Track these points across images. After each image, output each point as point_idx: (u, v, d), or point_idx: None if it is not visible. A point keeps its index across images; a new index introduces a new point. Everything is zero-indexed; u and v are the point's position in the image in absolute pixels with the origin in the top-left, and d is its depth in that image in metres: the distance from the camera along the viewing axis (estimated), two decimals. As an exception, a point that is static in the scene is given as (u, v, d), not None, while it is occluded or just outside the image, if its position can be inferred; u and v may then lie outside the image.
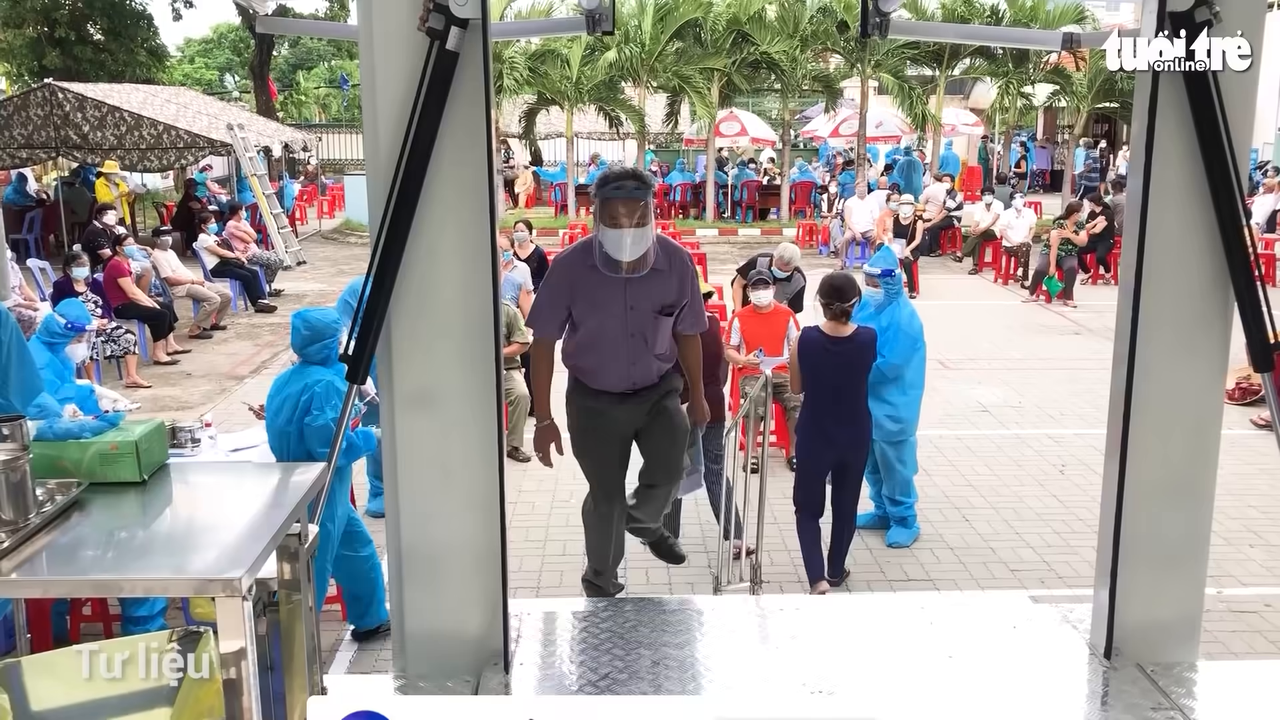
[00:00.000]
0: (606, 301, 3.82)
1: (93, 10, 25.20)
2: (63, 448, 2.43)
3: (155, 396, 9.18)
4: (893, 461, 5.83)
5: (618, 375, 3.93)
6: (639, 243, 3.65)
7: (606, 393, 3.96)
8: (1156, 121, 3.10)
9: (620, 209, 3.60)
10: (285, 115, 34.80)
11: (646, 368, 3.92)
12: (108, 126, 15.40)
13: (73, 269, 9.61)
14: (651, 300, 3.83)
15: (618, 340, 3.86)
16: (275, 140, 20.61)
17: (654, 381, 3.97)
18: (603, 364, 3.92)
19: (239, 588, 2.00)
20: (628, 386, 3.94)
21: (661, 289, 3.83)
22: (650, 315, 3.84)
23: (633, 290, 3.80)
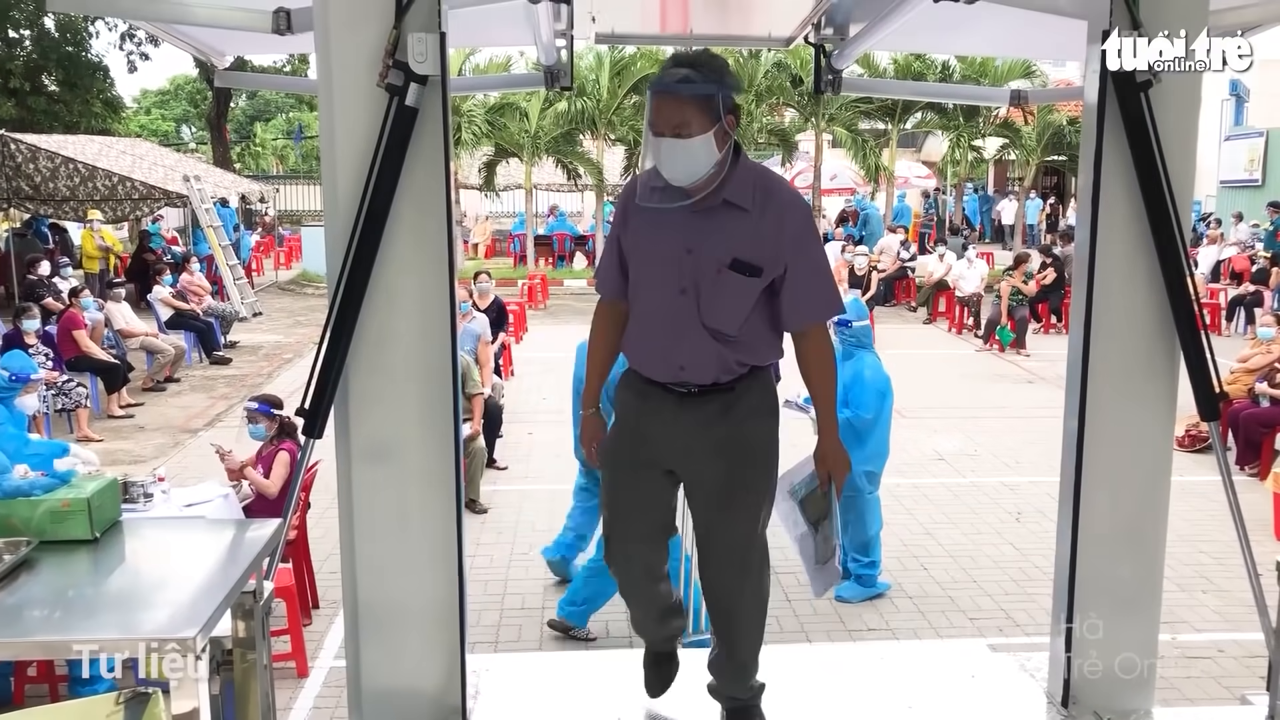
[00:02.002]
0: (657, 239, 2.80)
1: (48, 61, 25.10)
2: (12, 505, 2.39)
3: (107, 450, 9.03)
4: (852, 520, 5.75)
5: (659, 354, 2.83)
6: (686, 160, 2.63)
7: (654, 384, 2.87)
8: (1102, 175, 3.19)
9: (658, 108, 2.65)
10: (242, 166, 34.75)
11: (703, 352, 2.76)
12: (61, 177, 15.27)
13: (23, 321, 9.49)
14: (719, 246, 2.71)
15: (664, 298, 2.79)
16: (232, 191, 20.54)
17: (718, 381, 2.79)
18: (644, 334, 2.87)
19: (193, 646, 1.97)
20: (673, 377, 2.81)
21: (737, 233, 2.71)
22: (713, 268, 2.71)
23: (693, 227, 2.74)
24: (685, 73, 2.61)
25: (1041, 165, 24.75)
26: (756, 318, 2.80)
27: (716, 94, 2.61)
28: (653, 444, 2.88)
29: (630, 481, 2.95)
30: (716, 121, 2.62)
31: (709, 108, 2.61)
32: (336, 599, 5.53)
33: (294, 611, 4.99)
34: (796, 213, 2.79)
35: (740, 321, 2.76)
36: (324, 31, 3.03)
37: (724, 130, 2.65)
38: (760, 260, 2.72)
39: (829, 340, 2.91)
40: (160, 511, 5.16)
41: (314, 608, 5.69)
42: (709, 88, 2.61)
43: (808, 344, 2.84)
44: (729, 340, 2.77)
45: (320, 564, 5.89)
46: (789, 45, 5.12)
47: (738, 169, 2.72)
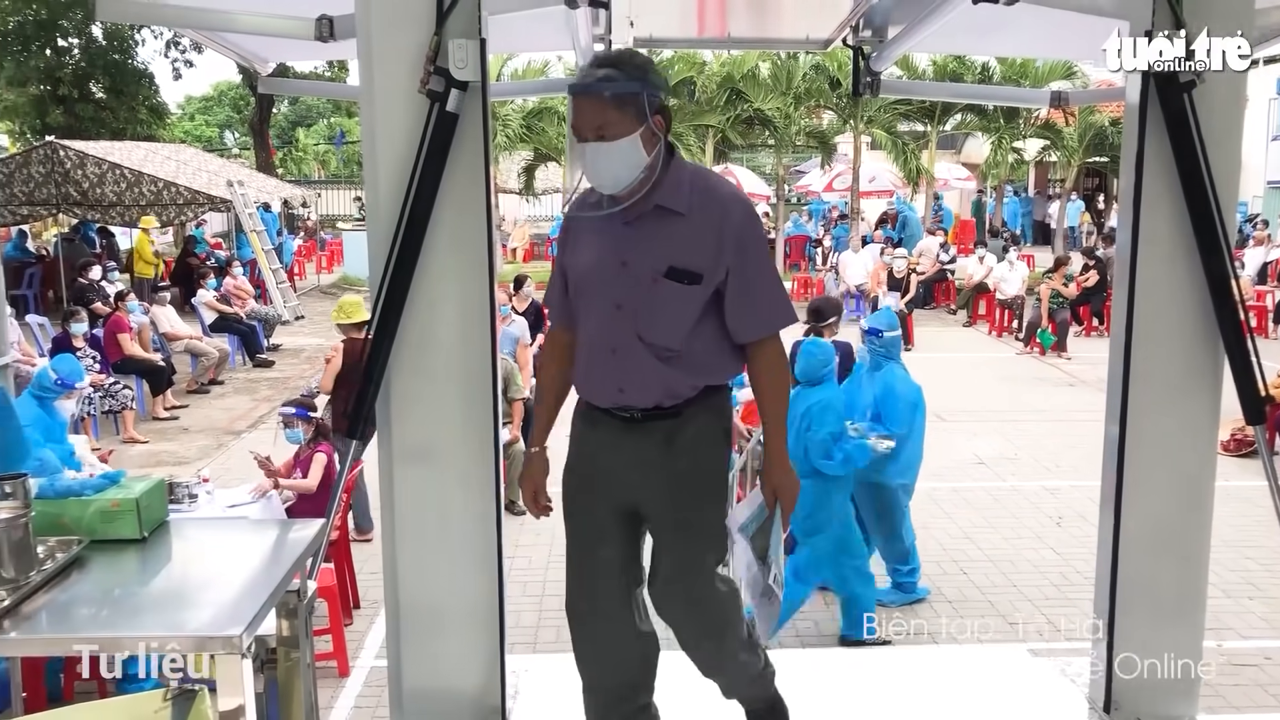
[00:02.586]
0: (592, 254, 2.60)
1: (95, 69, 25.53)
2: (63, 505, 2.44)
3: (152, 452, 9.17)
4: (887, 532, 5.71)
5: (599, 377, 2.63)
6: (611, 165, 2.46)
7: (601, 412, 2.67)
8: (1144, 176, 3.16)
9: (578, 110, 2.47)
10: (284, 171, 35.13)
11: (643, 372, 2.55)
12: (108, 183, 15.52)
13: (71, 324, 9.67)
14: (653, 255, 2.51)
15: (600, 316, 2.59)
16: (275, 196, 20.77)
17: (661, 405, 2.58)
18: (584, 356, 2.66)
19: (239, 645, 2.00)
20: (614, 400, 2.61)
21: (672, 239, 2.51)
22: (648, 280, 2.51)
23: (627, 238, 2.55)
24: (606, 71, 2.44)
25: (1083, 166, 24.47)
26: (705, 331, 2.57)
27: (640, 93, 2.44)
28: (603, 477, 2.66)
29: (584, 520, 2.71)
30: (643, 122, 2.44)
31: (633, 108, 2.43)
32: (377, 599, 5.59)
33: (335, 611, 5.04)
34: (736, 212, 2.55)
35: (683, 335, 2.54)
36: (366, 38, 3.08)
37: (651, 131, 2.47)
38: (698, 266, 2.50)
39: (782, 354, 2.66)
40: (204, 512, 5.23)
41: (355, 607, 5.74)
42: (632, 86, 2.43)
43: (758, 357, 2.61)
44: (671, 357, 2.54)
45: (361, 564, 5.95)
46: (827, 47, 5.11)
47: (670, 172, 2.54)
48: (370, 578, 5.79)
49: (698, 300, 2.52)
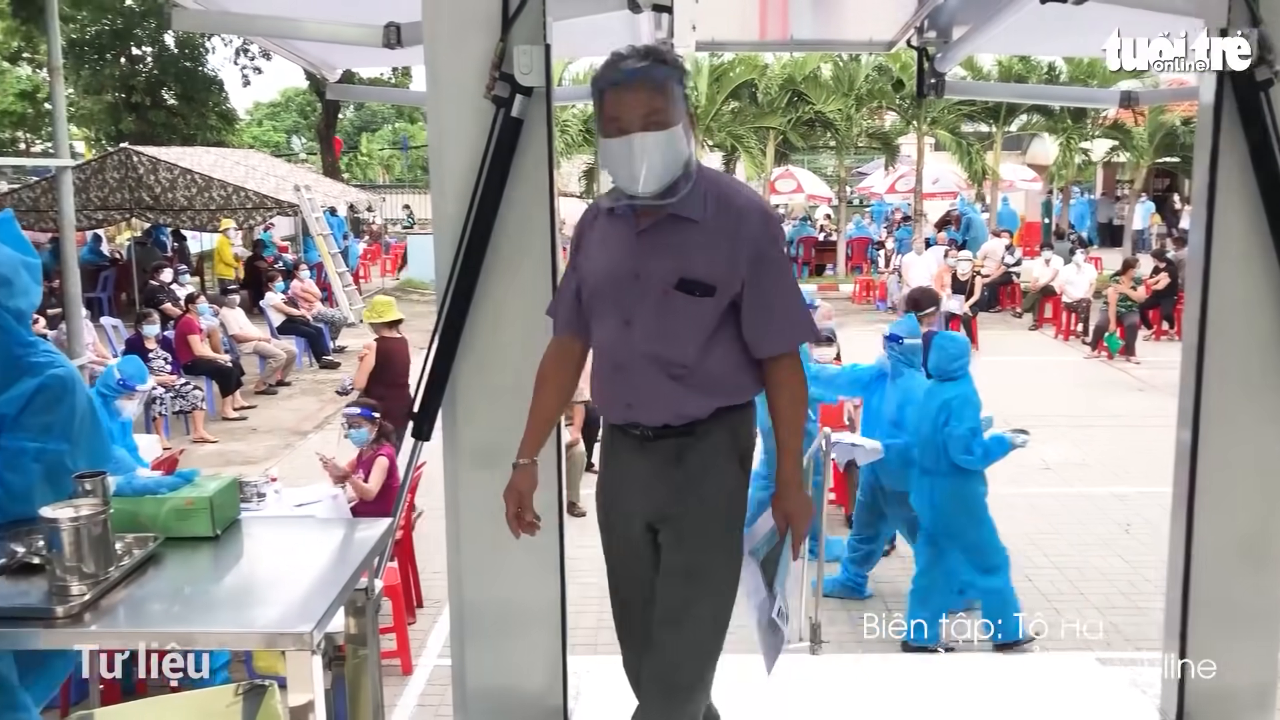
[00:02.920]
0: (606, 265, 2.47)
1: (167, 77, 26.14)
2: (140, 503, 2.50)
3: (221, 451, 9.36)
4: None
5: (610, 393, 2.51)
6: (661, 156, 2.30)
7: (616, 428, 2.57)
8: (1218, 177, 3.10)
9: (621, 101, 2.30)
10: (350, 176, 35.65)
11: (650, 389, 2.41)
12: (179, 188, 15.87)
13: (144, 326, 9.90)
14: (665, 266, 2.36)
15: (611, 330, 2.46)
16: (341, 200, 21.08)
17: (670, 424, 2.43)
18: (596, 370, 2.55)
19: (309, 641, 2.04)
20: (623, 417, 2.50)
21: (686, 249, 2.36)
22: (658, 290, 2.37)
23: (640, 249, 2.40)
24: (648, 60, 2.31)
25: (1153, 167, 23.98)
26: (721, 347, 2.41)
27: (682, 83, 2.36)
28: (622, 494, 2.56)
29: (611, 537, 2.65)
30: (684, 114, 2.35)
31: (678, 96, 2.33)
32: (439, 598, 5.66)
33: (399, 610, 5.10)
34: (754, 219, 2.39)
35: (696, 351, 2.38)
36: (433, 45, 3.12)
37: (687, 128, 2.37)
38: (713, 278, 2.35)
39: (799, 372, 2.48)
40: (272, 510, 5.32)
41: (418, 606, 5.81)
42: (676, 74, 2.34)
43: (774, 373, 2.45)
44: (683, 375, 2.39)
45: (424, 564, 6.01)
46: (891, 49, 5.08)
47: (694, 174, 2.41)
48: (433, 577, 5.85)
49: (711, 314, 2.37)
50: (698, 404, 2.41)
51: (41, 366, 2.63)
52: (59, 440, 2.60)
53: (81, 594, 2.14)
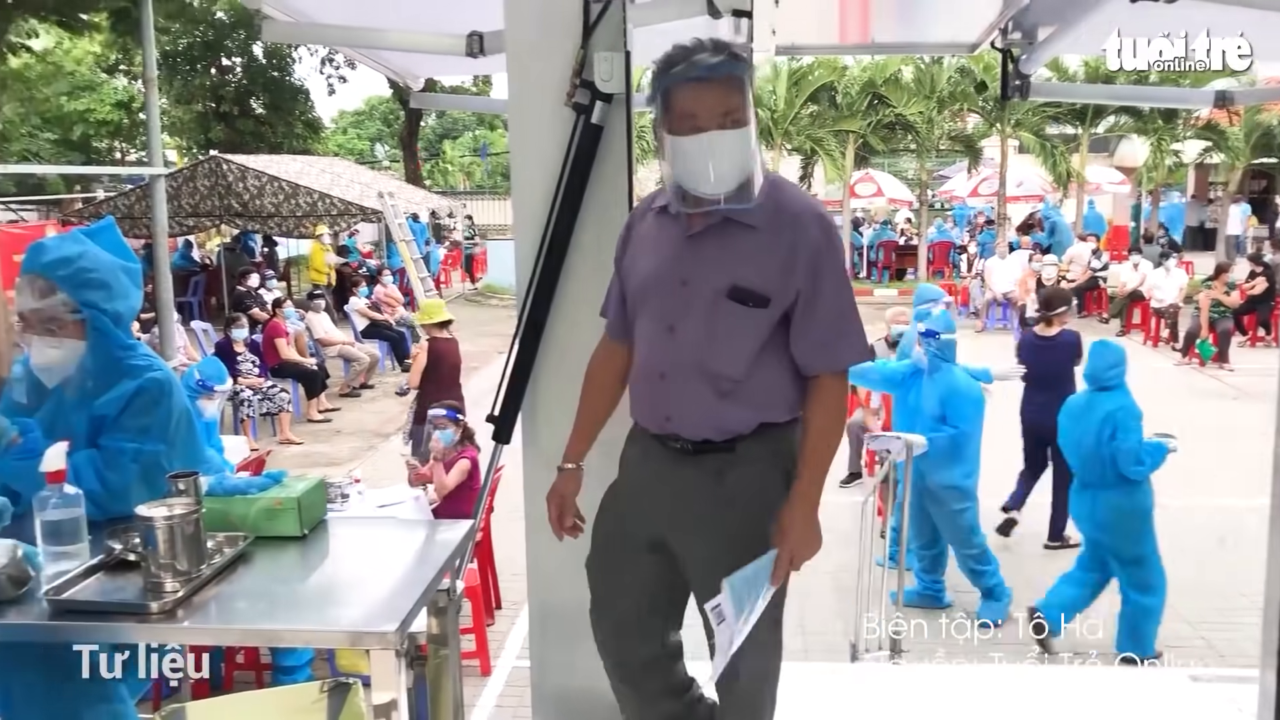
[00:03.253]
0: (651, 269, 2.36)
1: (255, 86, 26.81)
2: (231, 503, 2.57)
3: (307, 453, 9.56)
4: (960, 533, 5.68)
5: (648, 402, 2.40)
6: (738, 156, 2.19)
7: (650, 438, 2.44)
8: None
9: (698, 98, 2.19)
10: (432, 183, 36.18)
11: (693, 400, 2.30)
12: (267, 195, 16.24)
13: (232, 330, 10.17)
14: (717, 273, 2.26)
15: (653, 337, 2.36)
16: (423, 207, 21.39)
17: (711, 440, 2.33)
18: (636, 378, 2.45)
19: (393, 641, 2.07)
20: (661, 428, 2.37)
21: (741, 255, 2.26)
22: (709, 299, 2.26)
23: (690, 254, 2.30)
24: (724, 55, 2.19)
25: (1248, 169, 23.25)
26: (771, 360, 2.29)
27: (750, 83, 2.25)
28: (642, 507, 2.42)
29: (615, 550, 2.52)
30: (751, 114, 2.23)
31: (747, 96, 2.21)
32: (517, 600, 5.72)
33: (479, 611, 5.17)
34: (813, 229, 2.25)
35: (745, 364, 2.26)
36: (515, 53, 3.15)
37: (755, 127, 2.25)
38: (767, 288, 2.23)
39: (843, 396, 2.35)
40: (355, 511, 5.43)
41: (497, 608, 5.87)
42: (749, 69, 2.24)
43: (816, 391, 2.31)
44: (731, 389, 2.27)
45: (503, 566, 6.07)
46: (974, 51, 5.00)
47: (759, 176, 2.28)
48: (511, 579, 5.91)
49: (763, 325, 2.25)
50: (741, 419, 2.30)
51: (140, 369, 2.73)
52: (156, 441, 2.69)
53: (175, 590, 2.20)
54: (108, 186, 22.35)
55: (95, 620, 2.18)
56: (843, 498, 7.57)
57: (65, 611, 2.18)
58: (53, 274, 2.67)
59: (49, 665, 2.57)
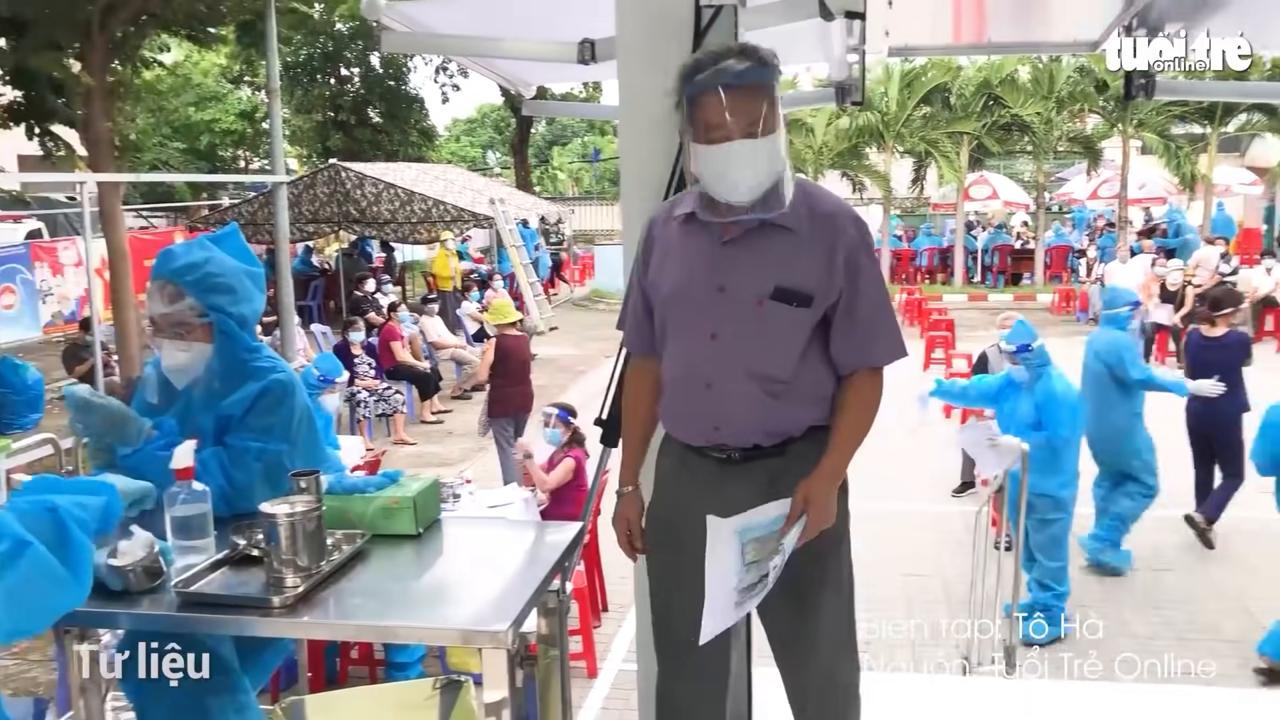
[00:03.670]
0: (682, 278, 2.34)
1: (372, 96, 27.50)
2: (349, 501, 2.64)
3: (419, 453, 9.77)
4: (1045, 545, 5.53)
5: (693, 414, 2.37)
6: (764, 164, 2.18)
7: (692, 450, 2.40)
8: None
9: (725, 106, 2.15)
10: (541, 189, 36.63)
11: (742, 407, 2.29)
12: (383, 202, 16.65)
13: (350, 333, 10.46)
14: (757, 276, 2.26)
15: (693, 346, 2.33)
16: (532, 213, 21.68)
17: (761, 445, 2.32)
18: (674, 391, 2.40)
19: (504, 640, 2.10)
20: (709, 439, 2.35)
21: (780, 256, 2.26)
22: (751, 303, 2.26)
23: (725, 261, 2.29)
24: (753, 61, 2.17)
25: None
26: (816, 361, 2.30)
27: (776, 89, 2.20)
28: (694, 522, 2.26)
29: (671, 569, 2.46)
30: (779, 121, 2.19)
31: (774, 103, 2.18)
32: (623, 604, 5.74)
33: (585, 613, 5.21)
34: (850, 229, 2.28)
35: (792, 365, 2.27)
36: (625, 59, 3.17)
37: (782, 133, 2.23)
38: (810, 287, 2.24)
39: (877, 392, 2.33)
40: (466, 511, 5.52)
41: (603, 610, 5.91)
42: (776, 74, 2.19)
43: (854, 384, 2.31)
44: (780, 391, 2.27)
45: (609, 569, 6.11)
46: (1095, 49, 4.85)
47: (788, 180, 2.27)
48: (618, 582, 5.94)
49: (807, 325, 2.27)
50: (791, 420, 2.30)
51: (265, 371, 2.82)
52: (279, 441, 2.77)
53: (295, 586, 2.27)
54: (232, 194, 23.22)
55: (220, 613, 2.26)
56: (954, 507, 7.43)
57: (193, 604, 2.26)
58: (180, 279, 2.77)
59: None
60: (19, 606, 1.77)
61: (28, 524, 1.84)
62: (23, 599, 1.77)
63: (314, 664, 4.75)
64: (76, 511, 1.92)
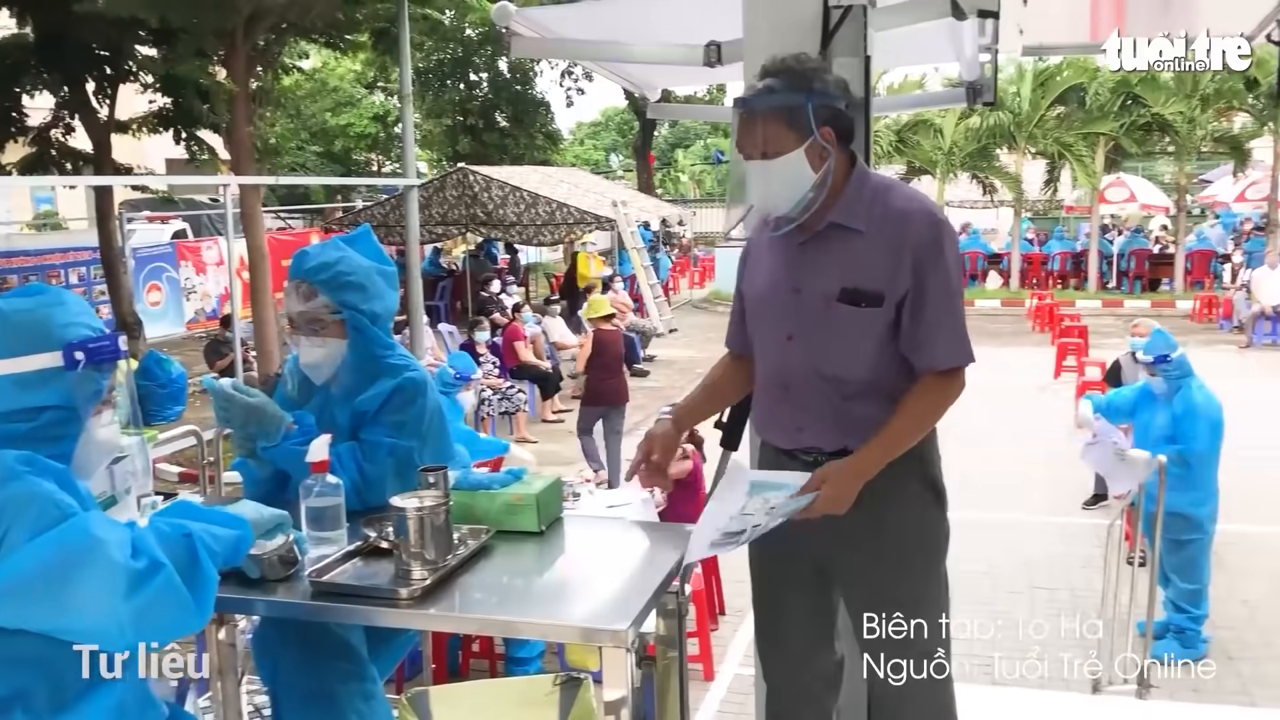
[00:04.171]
0: (765, 280, 2.43)
1: (500, 100, 28.02)
2: (474, 497, 2.69)
3: (540, 452, 9.90)
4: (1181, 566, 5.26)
5: (775, 416, 2.45)
6: (772, 185, 2.27)
7: (782, 455, 2.45)
8: None
9: (739, 127, 2.31)
10: (663, 191, 36.77)
11: (821, 409, 2.33)
12: (509, 204, 16.93)
13: (476, 333, 10.71)
14: (826, 277, 2.30)
15: (772, 348, 2.42)
16: (654, 215, 21.77)
17: (848, 449, 2.30)
18: (759, 393, 2.50)
19: (624, 639, 2.11)
20: (793, 442, 2.40)
21: (848, 257, 2.29)
22: (820, 305, 2.30)
23: (800, 262, 2.35)
24: (766, 83, 2.27)
25: None
26: (897, 363, 2.29)
27: (804, 105, 2.23)
28: (793, 529, 2.30)
29: (777, 573, 2.50)
30: (807, 137, 2.24)
31: (795, 122, 2.24)
32: (740, 607, 5.72)
33: (703, 616, 5.20)
34: (919, 226, 2.26)
35: (867, 366, 2.28)
36: (752, 61, 3.14)
37: (820, 145, 2.26)
38: (878, 286, 2.25)
39: (941, 397, 2.29)
40: (585, 510, 5.58)
41: (720, 614, 5.89)
42: (794, 98, 2.23)
43: (919, 386, 2.28)
44: (856, 393, 2.29)
45: (725, 573, 6.09)
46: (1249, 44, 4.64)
47: (851, 185, 2.31)
48: (735, 585, 5.92)
49: (879, 325, 2.26)
50: (870, 423, 2.28)
51: (399, 369, 2.90)
52: (410, 437, 2.85)
53: (423, 578, 2.32)
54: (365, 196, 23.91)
55: (351, 603, 2.33)
56: (1085, 519, 7.20)
57: (325, 593, 2.34)
58: (314, 278, 2.87)
59: (309, 643, 2.77)
60: (144, 624, 1.88)
61: (164, 546, 1.94)
62: (149, 618, 1.88)
63: (437, 656, 4.86)
64: (209, 541, 2.02)
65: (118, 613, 1.84)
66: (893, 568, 2.33)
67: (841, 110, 2.30)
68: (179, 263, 16.65)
